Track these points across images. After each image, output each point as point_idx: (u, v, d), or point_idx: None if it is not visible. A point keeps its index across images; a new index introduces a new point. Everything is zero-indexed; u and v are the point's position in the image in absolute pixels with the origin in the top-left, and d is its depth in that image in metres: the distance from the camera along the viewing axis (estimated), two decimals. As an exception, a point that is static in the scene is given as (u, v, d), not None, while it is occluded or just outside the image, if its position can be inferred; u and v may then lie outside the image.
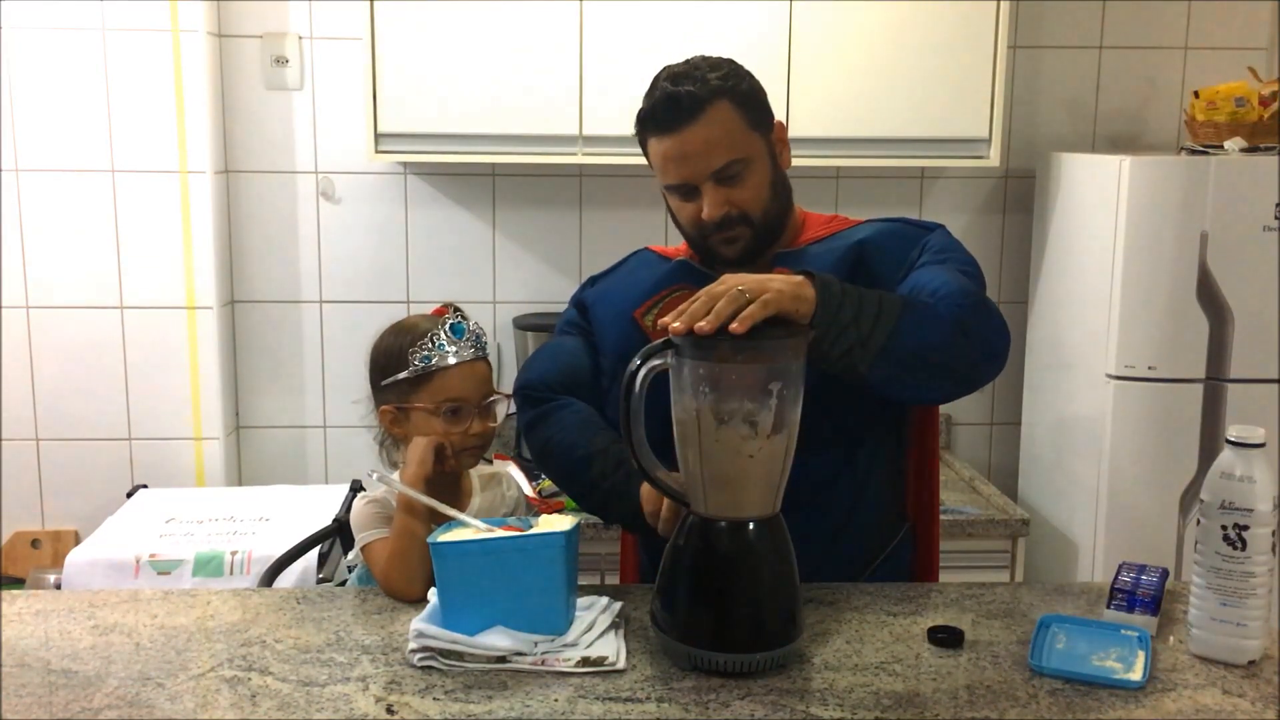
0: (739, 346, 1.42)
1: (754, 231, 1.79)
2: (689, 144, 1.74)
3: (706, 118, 1.74)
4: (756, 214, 1.78)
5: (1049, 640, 1.51)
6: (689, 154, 1.75)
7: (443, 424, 1.79)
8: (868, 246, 1.79)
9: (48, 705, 1.35)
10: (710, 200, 1.76)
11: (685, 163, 1.75)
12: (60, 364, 3.12)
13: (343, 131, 3.22)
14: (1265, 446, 1.44)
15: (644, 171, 3.47)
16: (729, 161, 1.74)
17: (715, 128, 1.74)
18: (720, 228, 1.77)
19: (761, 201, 1.78)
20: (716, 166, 1.74)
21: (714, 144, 1.74)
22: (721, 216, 1.76)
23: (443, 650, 1.44)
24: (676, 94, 1.75)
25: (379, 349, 1.86)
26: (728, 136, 1.75)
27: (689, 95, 1.74)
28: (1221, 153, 2.93)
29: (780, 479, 1.48)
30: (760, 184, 1.78)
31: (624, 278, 1.94)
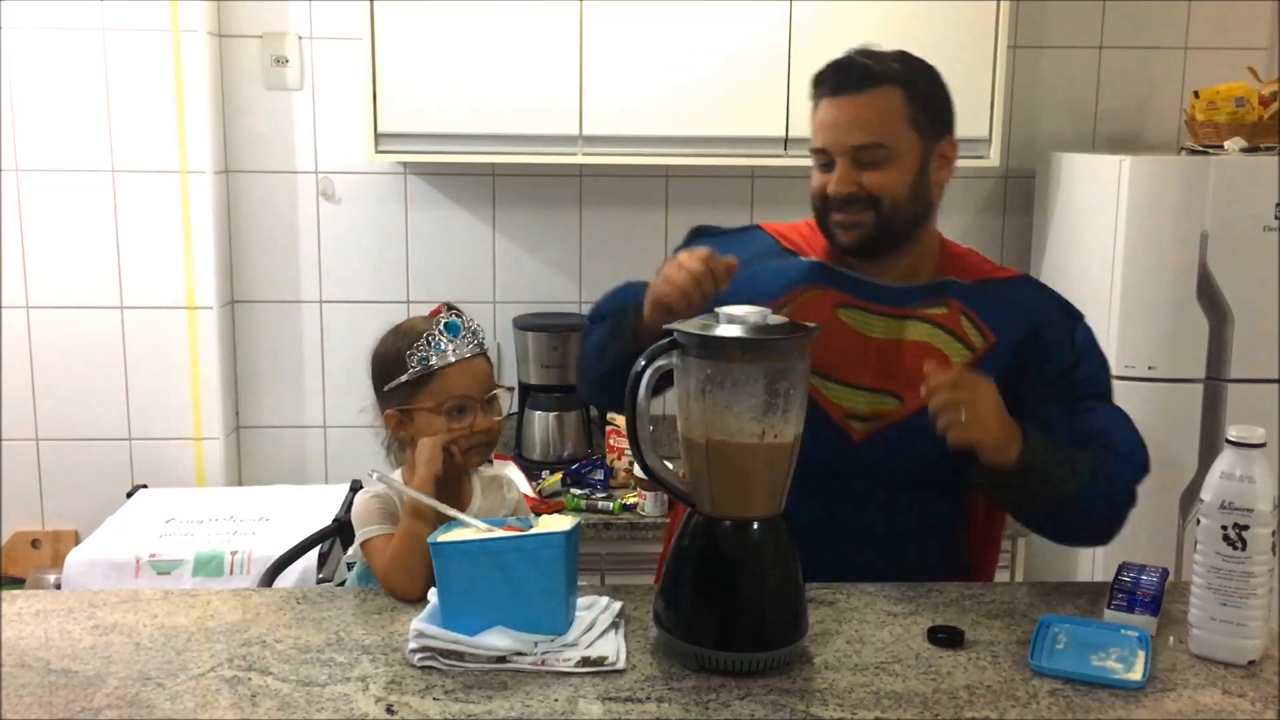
0: (745, 347, 1.43)
1: (877, 221, 1.75)
2: (842, 113, 1.74)
3: (870, 95, 1.73)
4: (885, 203, 1.75)
5: (1049, 640, 1.51)
6: (839, 122, 1.74)
7: (447, 423, 1.79)
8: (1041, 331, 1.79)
9: (48, 705, 1.35)
10: (839, 175, 1.74)
11: (831, 130, 1.75)
12: (60, 364, 3.12)
13: (343, 131, 3.22)
14: (1265, 446, 1.44)
15: (644, 171, 3.49)
16: (872, 143, 1.73)
17: (873, 107, 1.73)
18: (843, 206, 1.75)
19: (893, 196, 1.75)
20: (858, 143, 1.73)
21: (865, 122, 1.73)
22: (846, 194, 1.74)
23: (443, 650, 1.44)
24: (851, 61, 1.74)
25: (378, 354, 1.86)
26: (882, 120, 1.73)
27: (863, 67, 1.74)
28: (1221, 153, 2.93)
29: (785, 479, 1.48)
30: (899, 180, 1.75)
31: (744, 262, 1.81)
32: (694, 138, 2.94)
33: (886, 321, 1.80)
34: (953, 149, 1.82)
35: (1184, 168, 2.83)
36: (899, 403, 1.77)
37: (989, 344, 1.78)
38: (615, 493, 2.96)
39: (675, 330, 1.46)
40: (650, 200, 3.32)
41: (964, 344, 1.78)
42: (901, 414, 1.76)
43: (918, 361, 1.72)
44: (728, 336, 1.43)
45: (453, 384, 1.79)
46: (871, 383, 1.78)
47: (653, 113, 2.92)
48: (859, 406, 1.78)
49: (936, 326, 1.79)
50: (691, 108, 2.92)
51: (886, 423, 1.77)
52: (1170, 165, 2.86)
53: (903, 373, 1.76)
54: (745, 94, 2.92)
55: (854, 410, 1.78)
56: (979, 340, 1.78)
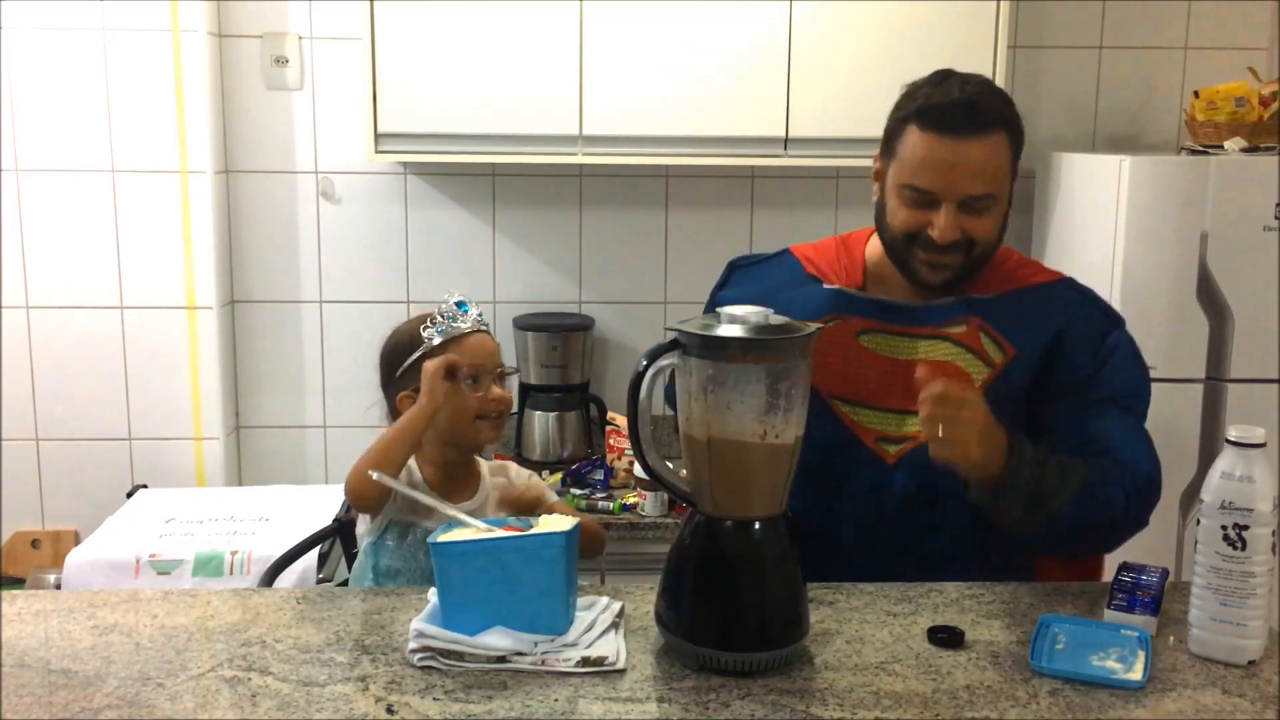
0: (746, 346, 1.43)
1: (965, 265, 1.76)
2: (961, 157, 1.69)
3: (989, 140, 1.70)
4: (978, 251, 1.75)
5: (1049, 640, 1.51)
6: (957, 167, 1.70)
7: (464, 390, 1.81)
8: (1065, 337, 1.78)
9: (48, 705, 1.35)
10: (947, 222, 1.71)
11: (947, 174, 1.70)
12: (60, 364, 3.12)
13: (343, 131, 3.22)
14: (1265, 446, 1.44)
15: (644, 171, 3.48)
16: (985, 194, 1.71)
17: (990, 154, 1.71)
18: (942, 250, 1.73)
19: (989, 242, 1.76)
20: (973, 193, 1.71)
21: (983, 169, 1.71)
22: (952, 242, 1.72)
23: (443, 650, 1.44)
24: (977, 103, 1.70)
25: (390, 344, 1.91)
26: (996, 169, 1.72)
27: (988, 111, 1.70)
28: (1221, 153, 2.93)
29: (786, 479, 1.48)
30: (993, 226, 1.75)
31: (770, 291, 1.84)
32: (694, 138, 2.94)
33: (909, 342, 1.80)
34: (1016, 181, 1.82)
35: (1184, 168, 2.83)
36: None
37: (1008, 358, 1.77)
38: (615, 493, 2.96)
39: (676, 330, 1.47)
40: (650, 200, 3.32)
41: (983, 360, 1.78)
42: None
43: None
44: (729, 336, 1.43)
45: (469, 352, 1.83)
46: (899, 404, 1.78)
47: (653, 113, 2.92)
48: (889, 429, 1.79)
49: (957, 345, 1.79)
50: (691, 108, 2.92)
51: (917, 443, 1.76)
52: (1170, 165, 2.86)
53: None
54: (745, 94, 2.92)
55: (885, 433, 1.80)
56: (998, 355, 1.78)
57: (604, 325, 3.35)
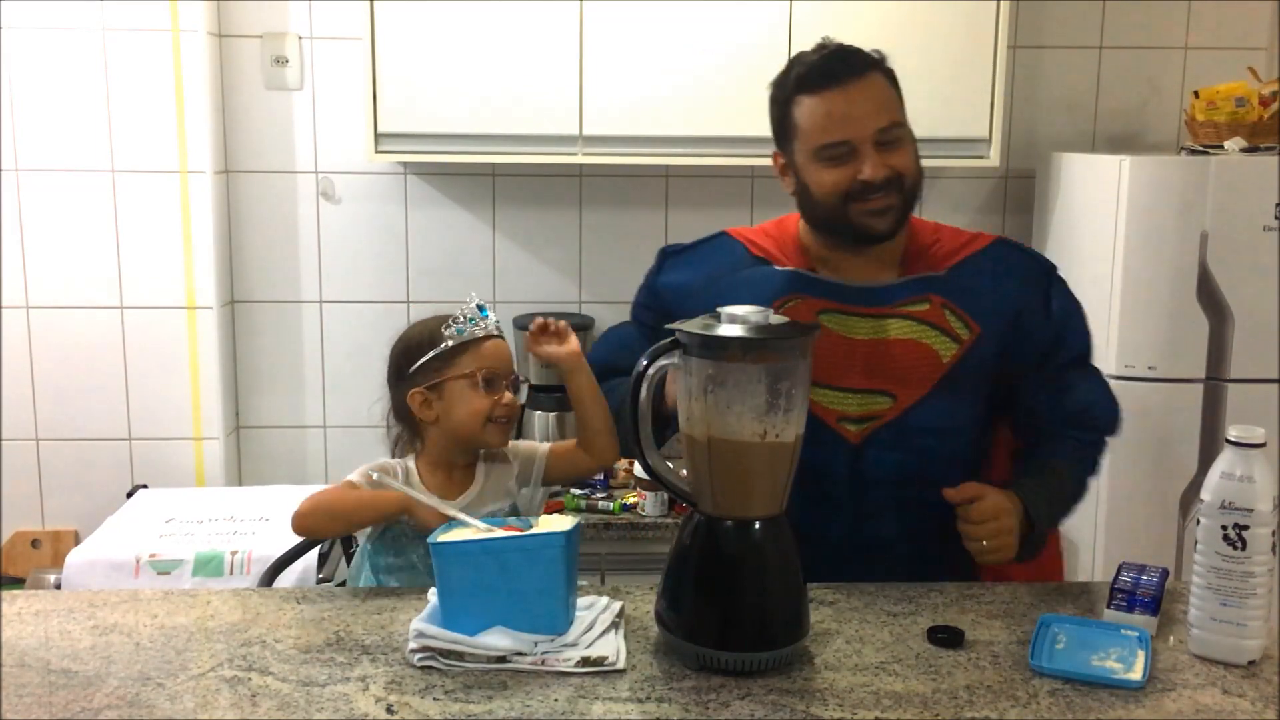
0: (746, 346, 1.43)
1: (902, 201, 1.78)
2: (854, 100, 1.75)
3: (871, 80, 1.76)
4: (908, 180, 1.78)
5: (1049, 640, 1.51)
6: (854, 111, 1.74)
7: (480, 393, 1.81)
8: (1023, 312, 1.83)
9: (48, 705, 1.35)
10: (874, 160, 1.75)
11: (849, 120, 1.75)
12: (60, 364, 3.12)
13: (343, 131, 3.22)
14: (1265, 446, 1.44)
15: (644, 171, 3.48)
16: (893, 123, 1.76)
17: (878, 90, 1.77)
18: (880, 190, 1.76)
19: (914, 172, 1.79)
20: (882, 124, 1.75)
21: (879, 103, 1.76)
22: (884, 178, 1.75)
23: (443, 650, 1.44)
24: (843, 52, 1.78)
25: (406, 339, 1.89)
26: (889, 101, 1.77)
27: (854, 54, 1.77)
28: (1221, 153, 2.93)
29: (786, 478, 1.48)
30: (913, 157, 1.80)
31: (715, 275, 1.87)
32: (694, 138, 2.94)
33: (869, 322, 1.81)
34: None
35: (1184, 168, 2.83)
36: (892, 400, 1.78)
37: (974, 334, 1.80)
38: (615, 493, 2.96)
39: (677, 330, 1.47)
40: (650, 200, 3.32)
41: (951, 337, 1.79)
42: (895, 411, 1.78)
43: (906, 358, 1.76)
44: (729, 336, 1.43)
45: (486, 355, 1.83)
46: (861, 384, 1.79)
47: (653, 113, 2.92)
48: (851, 409, 1.79)
49: (921, 323, 1.80)
50: (691, 108, 2.92)
51: (882, 422, 1.78)
52: (1170, 165, 2.86)
53: (892, 371, 1.78)
54: (745, 94, 2.92)
55: (846, 413, 1.79)
56: (965, 332, 1.80)
57: (604, 325, 3.34)
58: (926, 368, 1.78)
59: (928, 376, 1.78)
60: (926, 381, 1.78)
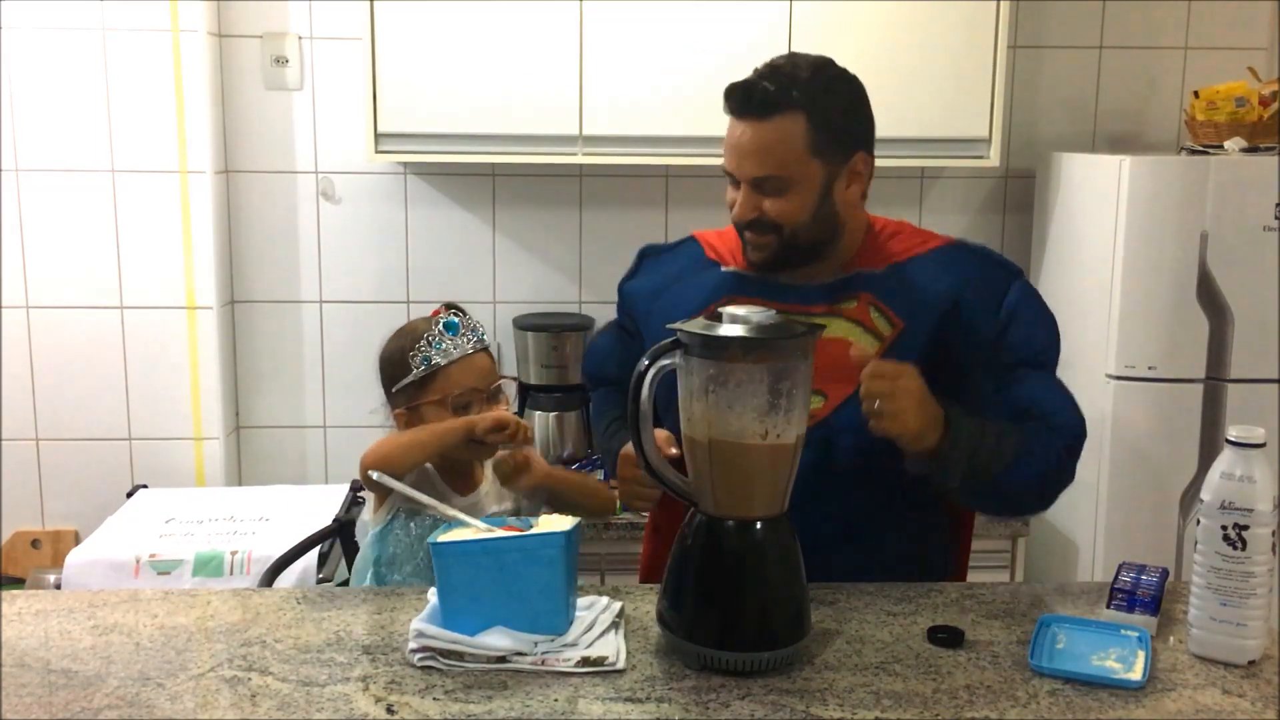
0: (748, 346, 1.43)
1: (781, 245, 1.77)
2: (744, 140, 1.74)
3: (771, 124, 1.71)
4: (785, 230, 1.76)
5: (1049, 640, 1.51)
6: (742, 149, 1.74)
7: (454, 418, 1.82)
8: (962, 305, 1.76)
9: (48, 705, 1.35)
10: (742, 201, 1.76)
11: (734, 155, 1.76)
12: (60, 364, 3.12)
13: (343, 131, 3.22)
14: (1265, 446, 1.44)
15: (644, 171, 3.48)
16: (768, 176, 1.73)
17: (772, 136, 1.72)
18: (749, 228, 1.77)
19: (794, 223, 1.75)
20: (754, 175, 1.74)
21: (763, 152, 1.72)
22: (749, 220, 1.76)
23: (443, 650, 1.44)
24: (755, 86, 1.72)
25: (384, 356, 1.91)
26: (781, 151, 1.72)
27: (764, 93, 1.71)
28: (1221, 153, 2.93)
29: (788, 478, 1.48)
30: (798, 207, 1.74)
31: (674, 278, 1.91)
32: (694, 138, 2.94)
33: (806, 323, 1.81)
34: (867, 164, 1.80)
35: (1184, 168, 2.83)
36: (823, 399, 1.77)
37: (896, 330, 1.77)
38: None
39: (678, 330, 1.47)
40: (650, 200, 3.32)
41: (873, 334, 1.78)
42: (826, 410, 1.77)
43: (836, 356, 1.72)
44: (730, 336, 1.44)
45: (456, 380, 1.84)
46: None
47: (653, 113, 2.92)
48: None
49: (849, 321, 1.79)
50: (691, 108, 2.92)
51: (814, 421, 1.75)
52: (1170, 165, 2.86)
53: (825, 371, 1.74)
54: (745, 94, 2.92)
55: None
56: (886, 328, 1.78)
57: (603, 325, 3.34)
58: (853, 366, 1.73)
59: (854, 375, 1.73)
60: (853, 379, 1.72)
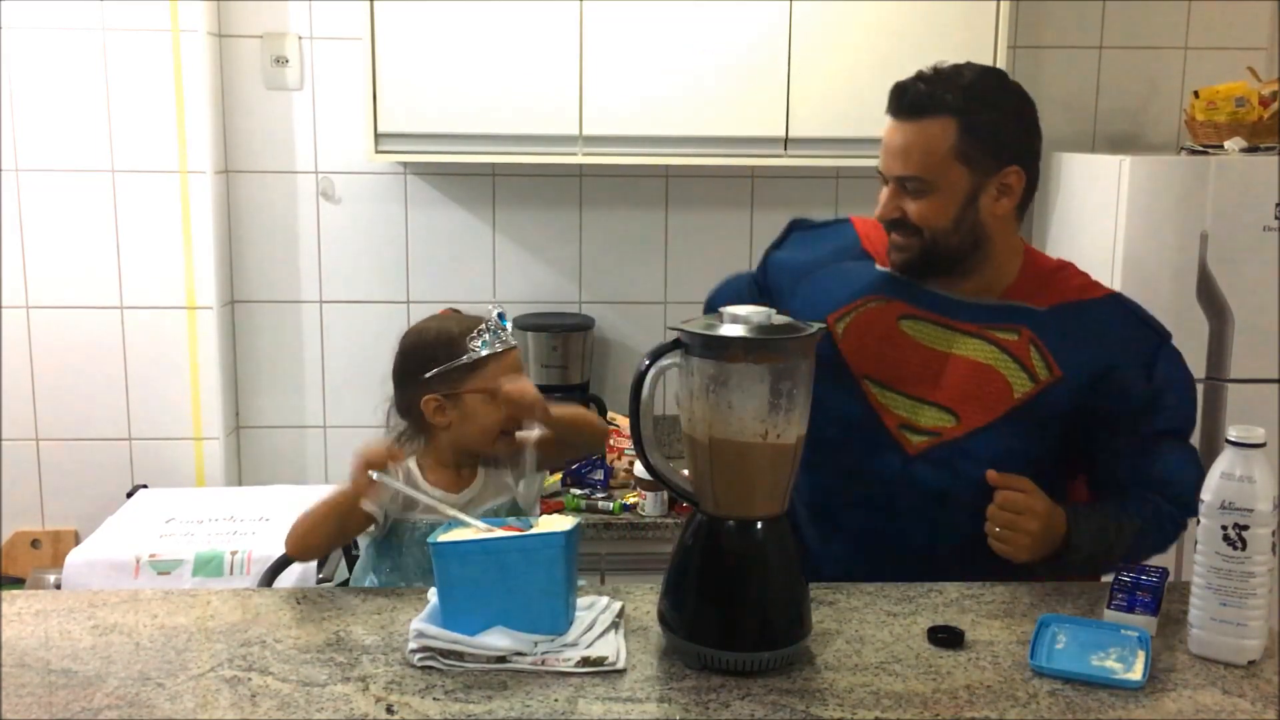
0: (749, 346, 1.43)
1: (921, 249, 1.78)
2: (893, 139, 1.77)
3: (919, 125, 1.74)
4: (926, 234, 1.76)
5: (1049, 640, 1.51)
6: (890, 148, 1.77)
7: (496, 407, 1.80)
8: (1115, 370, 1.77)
9: (48, 705, 1.35)
10: (885, 199, 1.79)
11: (884, 154, 1.79)
12: (60, 364, 3.11)
13: (343, 131, 3.22)
14: (1265, 446, 1.44)
15: (644, 171, 3.48)
16: (911, 176, 1.75)
17: (918, 138, 1.74)
18: (890, 227, 1.80)
19: (934, 227, 1.76)
20: (898, 173, 1.76)
21: (909, 152, 1.74)
22: (891, 220, 1.78)
23: (443, 650, 1.44)
24: (910, 86, 1.76)
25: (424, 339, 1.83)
26: (926, 153, 1.73)
27: (916, 94, 1.74)
28: (1221, 153, 2.93)
29: (788, 479, 1.48)
30: (940, 212, 1.75)
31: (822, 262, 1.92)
32: (694, 138, 2.94)
33: (951, 336, 1.81)
34: (1018, 179, 1.78)
35: (1184, 168, 2.83)
36: (956, 420, 1.77)
37: (1054, 378, 1.77)
38: (615, 493, 2.96)
39: (679, 330, 1.47)
40: (650, 200, 3.32)
41: (1029, 374, 1.77)
42: (957, 432, 1.77)
43: (979, 380, 1.74)
44: (731, 336, 1.43)
45: (507, 369, 1.82)
46: (930, 396, 1.79)
47: (653, 113, 2.92)
48: (915, 418, 1.80)
49: (1003, 351, 1.78)
50: (691, 108, 2.92)
51: (941, 439, 1.78)
52: (1170, 165, 2.86)
53: (962, 390, 1.77)
54: (745, 94, 2.92)
55: (910, 421, 1.80)
56: (1045, 373, 1.77)
57: (604, 325, 3.35)
58: (995, 396, 1.76)
59: (994, 406, 1.76)
60: (993, 410, 1.76)
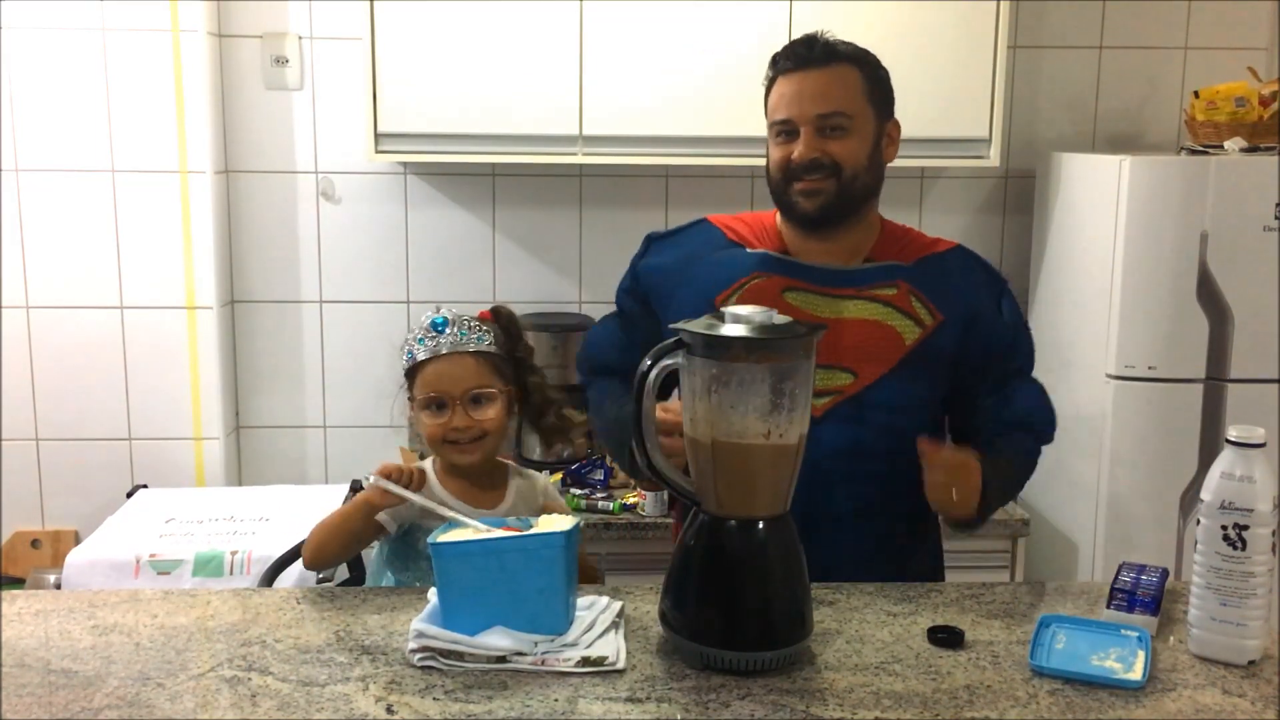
0: (750, 346, 1.43)
1: (838, 188, 1.84)
2: (806, 85, 1.83)
3: (833, 70, 1.84)
4: (846, 170, 1.83)
5: (1049, 640, 1.51)
6: (803, 94, 1.83)
7: (431, 415, 1.82)
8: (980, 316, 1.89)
9: (48, 705, 1.35)
10: (805, 142, 1.83)
11: (795, 101, 1.84)
12: (60, 364, 3.12)
13: (343, 131, 3.22)
14: (1265, 446, 1.44)
15: (644, 171, 3.48)
16: (835, 111, 1.82)
17: (835, 80, 1.84)
18: (806, 172, 1.83)
19: (854, 164, 1.84)
20: (823, 111, 1.82)
21: (828, 92, 1.83)
22: (810, 160, 1.83)
23: (443, 650, 1.44)
24: (814, 38, 1.86)
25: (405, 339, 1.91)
26: (844, 92, 1.83)
27: (825, 44, 1.85)
28: (1221, 153, 2.93)
29: (790, 478, 1.49)
30: (858, 149, 1.84)
31: (693, 257, 1.96)
32: (694, 138, 2.94)
33: (833, 302, 1.87)
34: (897, 130, 1.92)
35: (1184, 168, 2.83)
36: (852, 377, 1.84)
37: (937, 322, 1.87)
38: (615, 493, 2.96)
39: (681, 330, 1.47)
40: (650, 200, 3.32)
41: (915, 321, 1.86)
42: (856, 388, 1.84)
43: (871, 336, 1.83)
44: (733, 336, 1.44)
45: (430, 379, 1.82)
46: (826, 361, 1.81)
47: (653, 113, 2.92)
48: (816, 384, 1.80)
49: (887, 305, 1.87)
50: (691, 108, 2.92)
51: (843, 397, 1.84)
52: (1170, 165, 2.86)
53: (855, 349, 1.85)
54: (745, 94, 2.90)
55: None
56: (928, 318, 1.87)
57: (604, 325, 3.35)
58: (888, 348, 1.85)
59: (888, 356, 1.85)
60: (887, 361, 1.85)
